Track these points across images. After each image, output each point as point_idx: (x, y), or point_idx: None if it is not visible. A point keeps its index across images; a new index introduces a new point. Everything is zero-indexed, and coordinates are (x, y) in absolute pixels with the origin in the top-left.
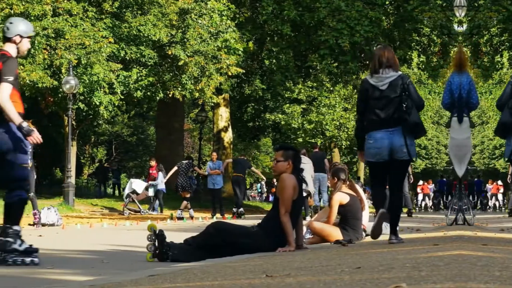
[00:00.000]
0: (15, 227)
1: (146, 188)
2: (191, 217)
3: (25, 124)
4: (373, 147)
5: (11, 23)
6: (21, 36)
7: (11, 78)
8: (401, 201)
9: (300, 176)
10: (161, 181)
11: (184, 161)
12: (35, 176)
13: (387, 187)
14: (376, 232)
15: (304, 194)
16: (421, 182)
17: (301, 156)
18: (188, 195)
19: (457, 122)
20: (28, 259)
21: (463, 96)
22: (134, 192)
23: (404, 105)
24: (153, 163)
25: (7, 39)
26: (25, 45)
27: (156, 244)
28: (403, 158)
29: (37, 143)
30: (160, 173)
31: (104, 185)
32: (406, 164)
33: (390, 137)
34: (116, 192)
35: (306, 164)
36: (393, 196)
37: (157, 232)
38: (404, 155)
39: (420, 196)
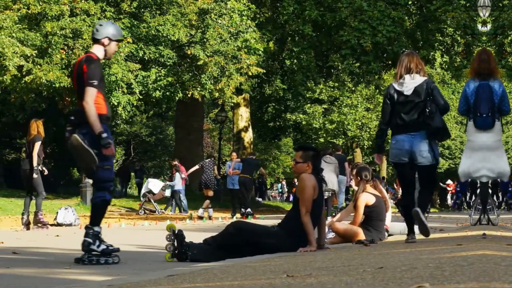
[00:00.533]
0: (96, 228)
1: (163, 188)
2: (210, 217)
3: (104, 135)
4: (394, 148)
5: (101, 25)
6: (109, 39)
7: (96, 82)
8: (426, 203)
9: (320, 176)
10: (178, 182)
11: (207, 159)
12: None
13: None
14: (425, 232)
15: (329, 193)
16: (449, 182)
17: (327, 156)
18: (211, 194)
19: (473, 126)
20: (103, 259)
21: (495, 103)
22: (150, 192)
23: (428, 110)
24: (175, 163)
25: (95, 41)
26: (113, 48)
27: (175, 244)
28: (422, 163)
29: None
30: (177, 173)
31: (126, 185)
32: (428, 168)
33: (411, 141)
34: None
35: (331, 164)
36: (419, 197)
37: (176, 232)
38: (423, 160)
39: (449, 195)
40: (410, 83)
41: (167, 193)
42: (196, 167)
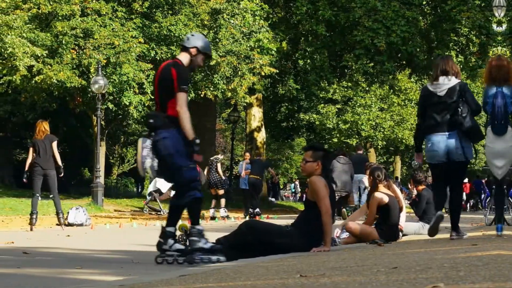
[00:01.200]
0: (198, 227)
1: (170, 189)
2: (222, 217)
3: (197, 141)
4: (431, 150)
5: (192, 35)
6: (198, 50)
7: (186, 87)
8: (460, 199)
9: (329, 176)
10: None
11: (211, 158)
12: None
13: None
14: (432, 232)
15: (343, 194)
16: (465, 180)
17: (340, 156)
18: (220, 192)
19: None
20: (214, 257)
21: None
22: (157, 191)
23: (460, 110)
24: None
25: (184, 49)
26: (199, 60)
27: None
28: (459, 159)
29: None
30: None
31: (142, 185)
32: (463, 165)
33: (446, 140)
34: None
35: (345, 164)
36: (452, 194)
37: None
38: (459, 157)
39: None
40: (444, 84)
41: (173, 193)
42: (207, 168)
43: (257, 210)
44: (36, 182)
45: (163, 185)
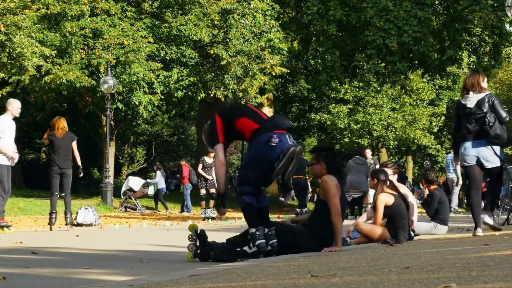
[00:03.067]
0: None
1: (144, 186)
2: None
3: None
4: (464, 154)
5: None
6: None
7: None
8: (493, 202)
9: (340, 171)
10: (159, 181)
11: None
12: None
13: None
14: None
15: (359, 194)
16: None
17: (357, 157)
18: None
19: None
20: None
21: None
22: (131, 189)
23: (487, 120)
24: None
25: None
26: None
27: (198, 244)
28: (488, 166)
29: None
30: (158, 172)
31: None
32: (494, 170)
33: (476, 147)
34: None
35: (361, 165)
36: (488, 197)
37: (198, 232)
38: (488, 164)
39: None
40: (473, 97)
41: (150, 191)
42: (200, 165)
43: (306, 209)
44: (54, 181)
45: (136, 183)
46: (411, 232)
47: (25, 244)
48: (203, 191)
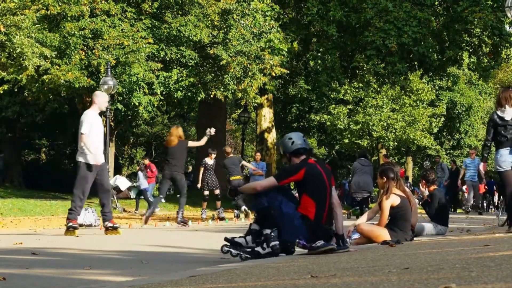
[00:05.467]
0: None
1: (129, 189)
2: (220, 218)
3: None
4: (500, 160)
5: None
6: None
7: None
8: None
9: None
10: (142, 182)
11: (206, 159)
12: None
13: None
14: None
15: (365, 195)
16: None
17: (362, 158)
18: (217, 192)
19: None
20: None
21: None
22: (116, 188)
23: None
24: (146, 162)
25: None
26: None
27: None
28: None
29: None
30: (140, 173)
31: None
32: None
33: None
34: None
35: (366, 166)
36: None
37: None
38: None
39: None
40: (510, 110)
41: (132, 194)
42: (202, 168)
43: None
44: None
45: (122, 183)
46: (411, 233)
47: (25, 245)
48: (206, 192)
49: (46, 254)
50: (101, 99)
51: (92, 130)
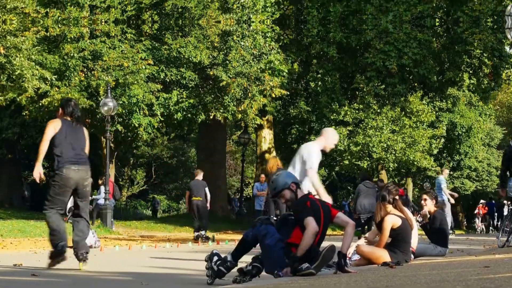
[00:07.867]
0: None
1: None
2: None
3: None
4: None
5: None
6: None
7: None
8: None
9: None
10: (101, 196)
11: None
12: None
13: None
14: None
15: (369, 215)
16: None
17: (367, 181)
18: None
19: None
20: None
21: None
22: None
23: None
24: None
25: None
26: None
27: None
28: None
29: None
30: (102, 187)
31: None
32: None
33: None
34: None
35: (371, 188)
36: None
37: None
38: None
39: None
40: None
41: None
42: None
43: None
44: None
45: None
46: (411, 254)
47: (25, 266)
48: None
49: (46, 276)
50: (331, 138)
51: (314, 166)
